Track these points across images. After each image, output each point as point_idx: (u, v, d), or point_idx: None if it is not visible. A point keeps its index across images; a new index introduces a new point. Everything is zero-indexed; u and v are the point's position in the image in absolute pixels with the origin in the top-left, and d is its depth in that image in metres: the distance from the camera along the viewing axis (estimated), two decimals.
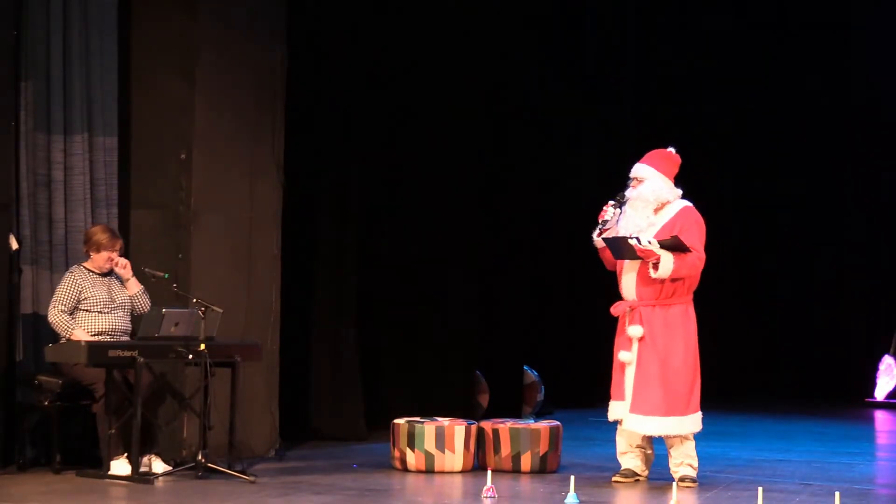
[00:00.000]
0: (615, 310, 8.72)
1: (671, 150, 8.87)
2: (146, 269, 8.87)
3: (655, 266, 8.49)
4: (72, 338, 8.51)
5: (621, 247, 8.56)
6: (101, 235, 8.76)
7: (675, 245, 8.47)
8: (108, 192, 9.27)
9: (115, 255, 8.77)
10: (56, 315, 8.61)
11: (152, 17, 9.59)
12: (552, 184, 13.89)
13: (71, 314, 8.64)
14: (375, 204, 11.36)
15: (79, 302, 8.66)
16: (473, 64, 12.00)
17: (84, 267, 8.78)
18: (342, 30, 10.97)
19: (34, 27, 8.91)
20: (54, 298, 8.66)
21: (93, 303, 8.68)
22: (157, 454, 8.62)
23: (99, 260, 8.75)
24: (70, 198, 9.05)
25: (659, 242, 8.47)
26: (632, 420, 8.59)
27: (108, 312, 8.72)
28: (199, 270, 9.51)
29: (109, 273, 8.85)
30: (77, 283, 8.67)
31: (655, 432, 8.57)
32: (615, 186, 8.92)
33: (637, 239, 8.49)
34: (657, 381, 8.54)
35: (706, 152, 15.57)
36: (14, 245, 8.75)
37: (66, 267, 8.98)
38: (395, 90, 11.50)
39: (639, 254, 8.51)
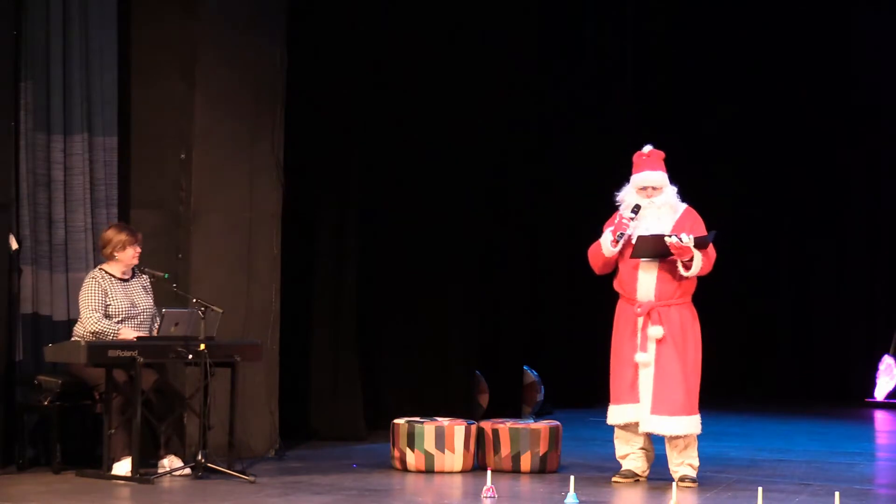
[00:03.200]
0: (643, 310, 8.63)
1: (649, 147, 8.87)
2: (146, 269, 8.86)
3: (686, 265, 8.49)
4: (120, 338, 8.46)
5: (651, 245, 8.51)
6: (121, 234, 8.70)
7: (702, 243, 8.49)
8: (108, 192, 9.27)
9: (139, 248, 8.74)
10: (96, 322, 8.52)
11: (152, 16, 9.59)
12: (552, 183, 13.89)
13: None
14: (375, 204, 11.36)
15: (105, 307, 8.64)
16: (474, 64, 11.99)
17: (104, 270, 8.72)
18: (342, 30, 10.97)
19: (34, 27, 8.91)
20: (85, 306, 8.55)
21: (115, 310, 8.63)
22: (176, 454, 8.63)
23: (125, 258, 8.70)
24: (70, 198, 9.04)
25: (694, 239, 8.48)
26: (654, 422, 8.55)
27: (129, 320, 8.68)
28: (198, 270, 9.51)
29: (131, 278, 8.82)
30: (101, 286, 8.61)
31: (681, 431, 8.54)
32: (614, 187, 8.91)
33: (675, 236, 8.45)
34: (680, 380, 8.53)
35: (706, 152, 15.59)
36: (14, 245, 8.75)
37: (67, 267, 8.98)
38: (396, 90, 11.50)
39: (673, 250, 8.47)
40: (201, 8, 9.59)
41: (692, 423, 8.57)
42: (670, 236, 8.46)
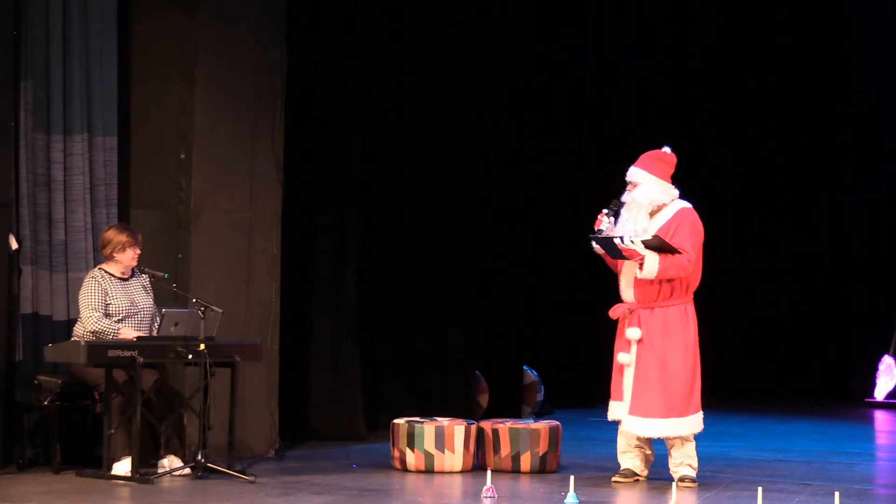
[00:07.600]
0: (613, 312, 8.71)
1: (666, 149, 8.83)
2: (146, 269, 8.87)
3: (641, 266, 8.49)
4: (120, 337, 8.46)
5: (611, 247, 8.54)
6: (121, 235, 8.71)
7: (660, 245, 8.45)
8: (108, 192, 9.27)
9: (139, 250, 8.74)
10: (96, 322, 8.53)
11: (152, 16, 9.60)
12: (552, 183, 13.88)
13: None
14: (375, 204, 11.36)
15: (105, 306, 8.63)
16: (474, 64, 11.99)
17: (104, 270, 8.72)
18: (342, 30, 10.97)
19: (34, 27, 8.91)
20: (85, 306, 8.56)
21: (115, 310, 8.63)
22: (176, 454, 8.62)
23: (125, 260, 8.70)
24: (70, 198, 9.04)
25: (643, 242, 8.45)
26: (630, 422, 8.60)
27: (129, 320, 8.68)
28: (198, 270, 9.51)
29: (130, 277, 8.81)
30: (101, 285, 8.61)
31: (654, 434, 8.57)
32: (614, 188, 8.91)
33: (621, 238, 8.47)
34: (655, 383, 8.54)
35: (706, 152, 15.57)
36: (14, 245, 8.75)
37: (67, 267, 8.97)
38: (395, 90, 11.50)
39: (624, 253, 8.50)
40: (201, 8, 9.59)
41: (669, 426, 8.54)
42: (616, 238, 8.48)
